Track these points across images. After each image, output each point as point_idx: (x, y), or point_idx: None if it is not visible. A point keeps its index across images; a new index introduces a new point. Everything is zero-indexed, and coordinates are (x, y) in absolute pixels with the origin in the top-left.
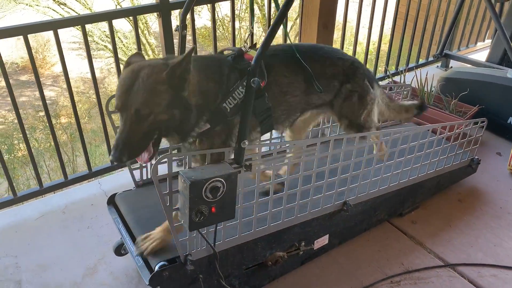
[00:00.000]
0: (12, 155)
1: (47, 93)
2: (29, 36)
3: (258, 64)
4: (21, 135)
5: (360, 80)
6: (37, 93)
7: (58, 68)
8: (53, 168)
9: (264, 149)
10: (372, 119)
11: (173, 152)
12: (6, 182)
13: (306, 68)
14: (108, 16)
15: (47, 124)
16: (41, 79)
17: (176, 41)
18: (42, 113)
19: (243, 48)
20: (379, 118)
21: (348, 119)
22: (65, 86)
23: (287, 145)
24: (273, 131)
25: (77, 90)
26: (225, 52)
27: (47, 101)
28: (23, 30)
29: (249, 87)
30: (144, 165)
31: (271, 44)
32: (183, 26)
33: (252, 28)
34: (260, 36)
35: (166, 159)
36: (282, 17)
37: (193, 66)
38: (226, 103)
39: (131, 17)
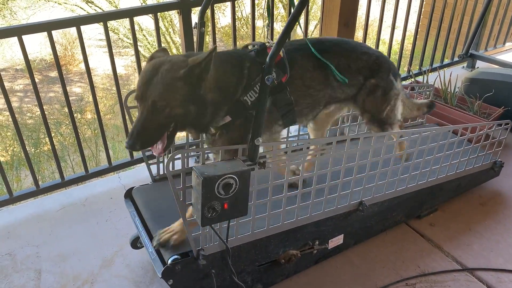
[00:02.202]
0: (39, 149)
1: (75, 89)
2: (59, 33)
3: (273, 61)
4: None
5: (385, 75)
6: None
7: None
8: (77, 162)
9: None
10: (396, 115)
11: (190, 148)
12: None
13: (325, 62)
14: (129, 13)
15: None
16: (69, 76)
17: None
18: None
19: (266, 44)
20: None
21: (371, 113)
22: None
23: (302, 143)
24: (291, 128)
25: (103, 87)
26: (249, 47)
27: (74, 97)
28: (47, 27)
29: (264, 84)
30: (161, 159)
31: (296, 39)
32: (201, 23)
33: (269, 24)
34: None
35: (180, 155)
36: (297, 15)
37: (213, 62)
38: (247, 96)
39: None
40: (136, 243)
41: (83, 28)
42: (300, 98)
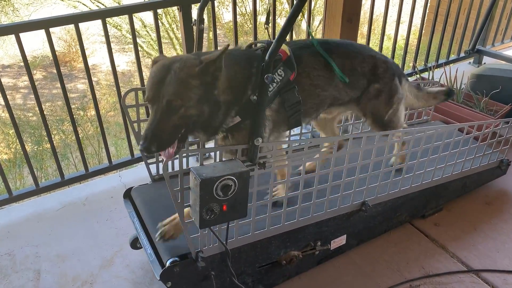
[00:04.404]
0: (41, 146)
1: (79, 86)
2: (63, 30)
3: (271, 59)
4: (51, 126)
5: (390, 80)
6: (68, 86)
7: (90, 61)
8: (80, 159)
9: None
10: (399, 118)
11: (190, 147)
12: (36, 174)
13: (328, 61)
14: (128, 10)
15: (74, 117)
16: (73, 72)
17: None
18: (72, 106)
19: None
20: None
21: (373, 116)
22: (95, 79)
23: (303, 143)
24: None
25: (106, 83)
26: (254, 46)
27: (78, 94)
28: (45, 24)
29: (263, 83)
30: (160, 159)
31: (300, 39)
32: (200, 20)
33: (268, 23)
34: None
35: (177, 155)
36: (297, 11)
37: (224, 62)
38: (256, 95)
39: (158, 11)
40: (135, 244)
41: (87, 24)
42: (307, 98)
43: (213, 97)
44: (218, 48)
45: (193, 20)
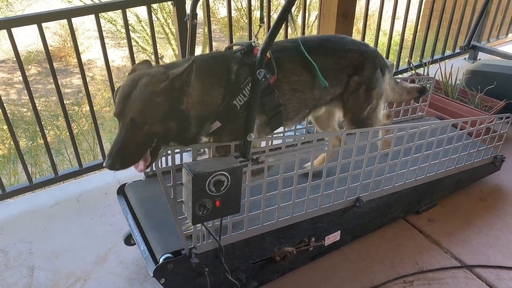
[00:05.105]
0: (35, 142)
1: (74, 80)
2: (58, 24)
3: (263, 56)
4: (46, 122)
5: (369, 72)
6: (63, 81)
7: (85, 57)
8: (75, 155)
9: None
10: (377, 116)
11: None
12: (31, 169)
13: (313, 64)
14: (121, 5)
15: (69, 112)
16: (68, 67)
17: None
18: (67, 101)
19: (253, 43)
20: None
21: (352, 113)
22: (90, 74)
23: (297, 139)
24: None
25: (102, 79)
26: (235, 48)
27: (73, 89)
28: (37, 19)
29: (255, 79)
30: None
31: (281, 40)
32: (193, 15)
33: (262, 21)
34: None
35: (169, 151)
36: (288, 7)
37: (196, 75)
38: (236, 100)
39: (153, 6)
40: (129, 240)
41: (82, 19)
42: (287, 102)
43: (181, 112)
44: (213, 43)
45: (186, 15)
